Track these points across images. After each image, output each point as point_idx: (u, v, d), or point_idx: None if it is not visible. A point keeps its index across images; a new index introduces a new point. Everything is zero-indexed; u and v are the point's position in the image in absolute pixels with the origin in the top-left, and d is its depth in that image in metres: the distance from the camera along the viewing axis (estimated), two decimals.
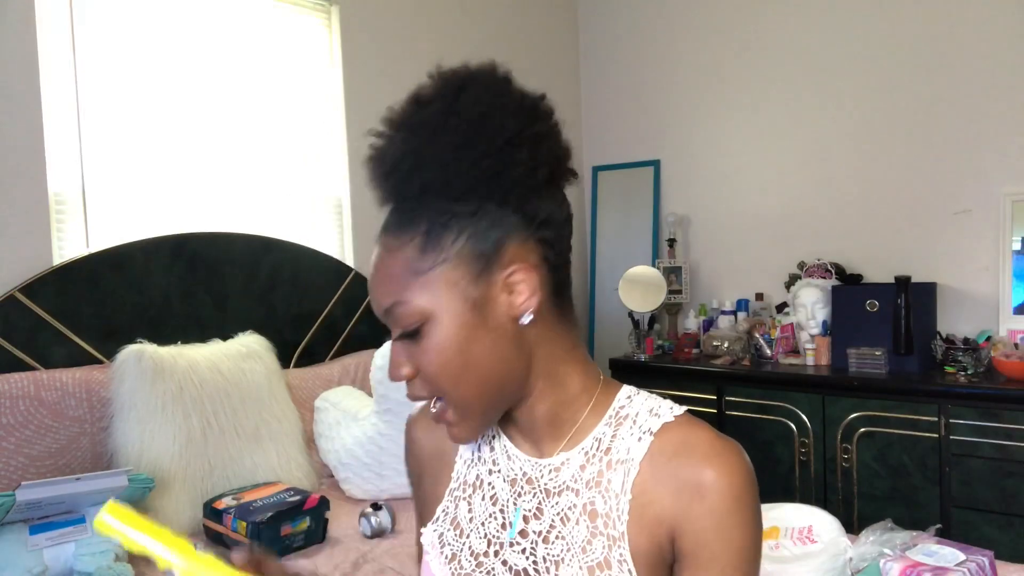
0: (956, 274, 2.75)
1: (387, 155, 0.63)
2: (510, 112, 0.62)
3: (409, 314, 0.63)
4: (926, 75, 2.79)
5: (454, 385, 0.64)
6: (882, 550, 1.36)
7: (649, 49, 3.51)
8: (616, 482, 0.68)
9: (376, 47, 2.83)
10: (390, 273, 0.64)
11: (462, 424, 0.66)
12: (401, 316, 0.63)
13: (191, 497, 1.86)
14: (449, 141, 0.60)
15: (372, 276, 0.66)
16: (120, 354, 1.92)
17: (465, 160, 0.60)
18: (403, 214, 0.64)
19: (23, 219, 1.96)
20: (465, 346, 0.63)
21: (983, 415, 2.27)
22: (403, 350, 0.65)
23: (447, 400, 0.65)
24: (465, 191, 0.62)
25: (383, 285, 0.64)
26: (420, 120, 0.62)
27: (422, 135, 0.61)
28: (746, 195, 3.26)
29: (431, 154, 0.61)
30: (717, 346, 3.00)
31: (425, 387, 0.65)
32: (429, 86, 0.63)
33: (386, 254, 0.65)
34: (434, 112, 0.61)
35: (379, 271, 0.65)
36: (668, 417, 0.70)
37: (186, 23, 2.32)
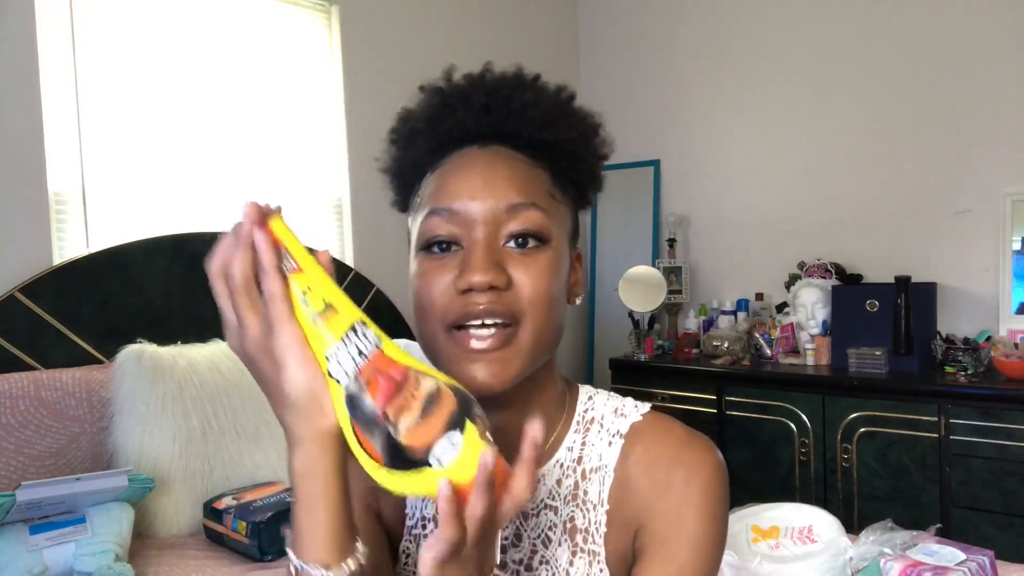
0: (956, 274, 2.75)
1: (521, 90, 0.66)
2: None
3: (539, 222, 0.61)
4: (926, 75, 2.79)
5: (535, 310, 0.60)
6: (882, 550, 1.36)
7: (649, 49, 3.51)
8: (593, 493, 0.65)
9: (376, 47, 2.83)
10: (529, 178, 0.63)
11: (512, 361, 0.60)
12: (531, 219, 0.61)
13: (191, 497, 1.86)
14: (583, 119, 0.67)
15: (495, 171, 0.62)
16: (120, 354, 1.92)
17: (592, 144, 0.67)
18: (528, 147, 0.65)
19: (23, 219, 1.96)
20: (558, 283, 0.63)
21: (983, 415, 2.27)
22: (497, 255, 0.60)
23: (516, 327, 0.60)
24: (583, 168, 0.68)
25: (518, 182, 0.62)
26: (551, 87, 0.68)
27: (557, 97, 0.67)
28: (746, 195, 3.26)
29: (566, 117, 0.66)
30: (717, 346, 3.00)
31: (503, 303, 0.59)
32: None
33: (517, 162, 0.64)
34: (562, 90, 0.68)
35: (512, 170, 0.63)
36: (635, 416, 0.68)
37: (186, 23, 2.32)
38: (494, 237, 0.61)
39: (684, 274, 3.32)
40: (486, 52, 0.69)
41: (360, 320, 0.51)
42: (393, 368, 0.49)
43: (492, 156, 0.63)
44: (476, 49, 3.04)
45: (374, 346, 0.50)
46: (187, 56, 2.32)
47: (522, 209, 0.61)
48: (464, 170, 0.63)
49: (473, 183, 0.61)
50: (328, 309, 0.50)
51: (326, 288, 0.51)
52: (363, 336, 0.50)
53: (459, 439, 0.47)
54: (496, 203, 0.61)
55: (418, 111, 0.68)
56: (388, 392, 0.48)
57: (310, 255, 0.52)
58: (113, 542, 1.58)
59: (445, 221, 0.61)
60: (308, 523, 0.52)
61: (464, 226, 0.61)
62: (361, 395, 0.49)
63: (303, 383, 0.50)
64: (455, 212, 0.61)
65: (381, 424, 0.48)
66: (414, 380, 0.49)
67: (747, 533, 1.49)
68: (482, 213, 0.61)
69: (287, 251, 0.51)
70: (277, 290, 0.49)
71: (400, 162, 0.69)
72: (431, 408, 0.48)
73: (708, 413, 2.79)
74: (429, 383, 0.49)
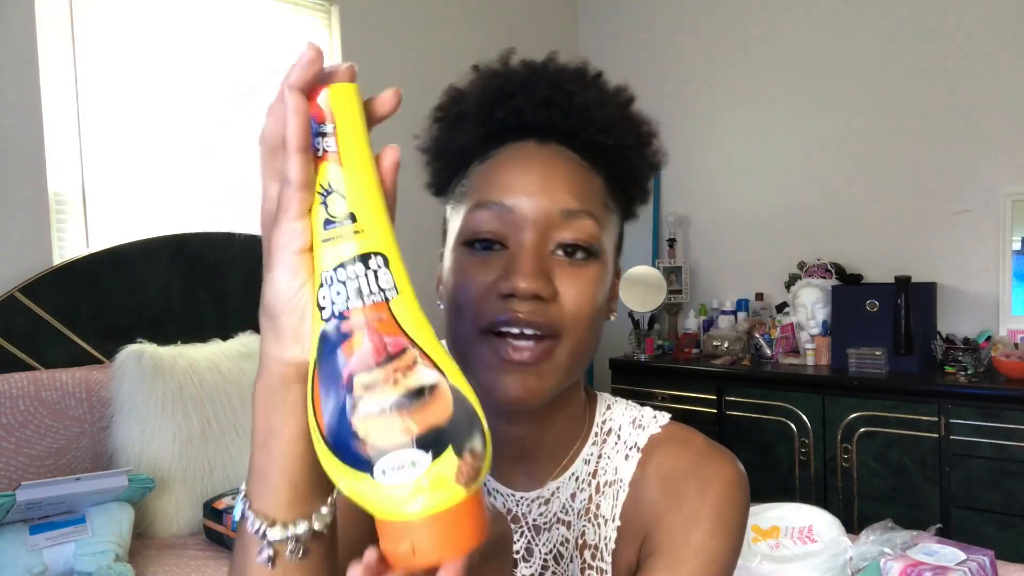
0: (956, 274, 2.75)
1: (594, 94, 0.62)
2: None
3: (593, 233, 0.58)
4: (926, 75, 2.79)
5: (576, 326, 0.57)
6: (882, 550, 1.36)
7: (649, 49, 3.51)
8: (605, 508, 0.63)
9: (376, 47, 2.83)
10: (587, 183, 0.59)
11: (548, 377, 0.56)
12: (585, 228, 0.57)
13: (191, 497, 1.86)
14: (641, 125, 0.64)
15: (554, 171, 0.58)
16: (120, 354, 1.92)
17: (647, 152, 0.64)
18: (585, 149, 0.61)
19: (23, 219, 1.96)
20: (601, 298, 0.59)
21: (983, 415, 2.27)
22: (545, 263, 0.56)
23: (555, 342, 0.56)
24: (636, 177, 0.64)
25: (577, 186, 0.58)
26: (612, 87, 0.64)
27: (619, 98, 0.63)
28: (746, 195, 3.26)
29: (627, 120, 0.63)
30: (717, 346, 3.00)
31: (545, 315, 0.55)
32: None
33: (575, 165, 0.60)
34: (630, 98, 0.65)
35: (571, 173, 0.59)
36: (654, 428, 0.65)
37: (186, 23, 2.32)
38: (544, 242, 0.57)
39: (684, 274, 3.32)
40: (486, 52, 0.67)
41: (381, 254, 0.39)
42: (390, 332, 0.38)
43: (551, 154, 0.59)
44: (476, 49, 3.02)
45: (381, 294, 0.38)
46: (187, 56, 2.32)
47: (578, 217, 0.57)
48: (521, 165, 0.58)
49: (529, 180, 0.57)
50: (349, 221, 0.39)
51: (363, 195, 0.39)
52: (374, 274, 0.38)
53: (424, 464, 0.36)
54: (551, 205, 0.57)
55: (471, 93, 0.63)
56: (366, 358, 0.37)
57: (367, 149, 0.40)
58: (113, 542, 1.58)
59: (494, 217, 0.57)
60: (260, 461, 0.43)
61: (513, 225, 0.57)
62: (334, 343, 0.38)
63: (283, 294, 0.40)
64: (507, 208, 0.57)
65: (339, 391, 0.37)
66: (409, 361, 0.37)
67: (747, 533, 1.49)
68: (535, 214, 0.57)
69: (334, 130, 0.40)
70: (292, 174, 0.39)
71: (443, 144, 0.64)
72: (412, 405, 0.36)
73: (708, 413, 2.79)
74: (428, 375, 0.37)
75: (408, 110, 0.71)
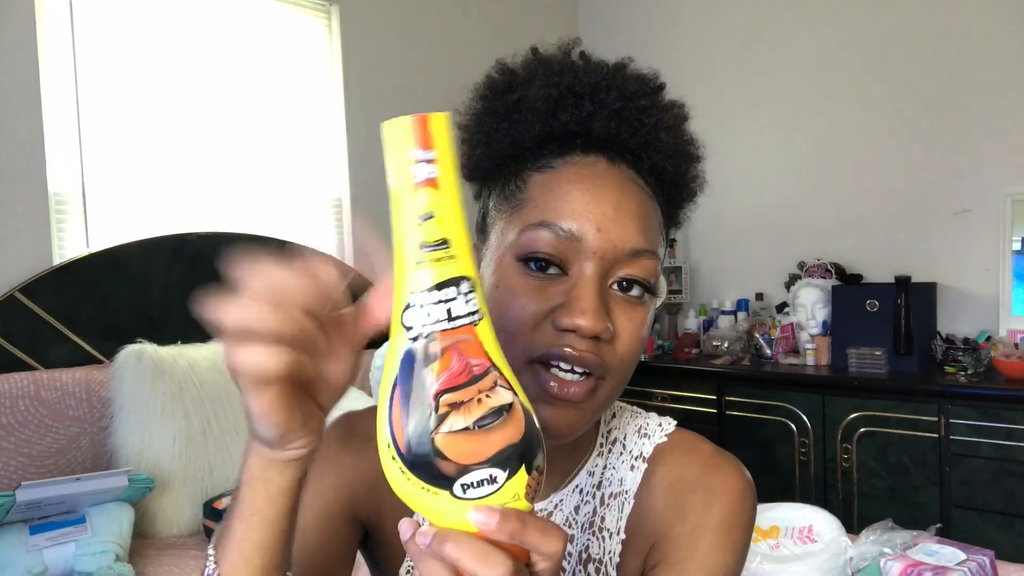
0: (956, 274, 2.75)
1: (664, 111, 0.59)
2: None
3: (653, 272, 0.55)
4: (926, 75, 2.79)
5: (623, 366, 0.54)
6: (882, 549, 1.36)
7: (649, 49, 3.51)
8: (610, 520, 0.61)
9: (376, 47, 2.83)
10: (652, 217, 0.56)
11: (588, 414, 0.54)
12: (648, 268, 0.54)
13: (191, 497, 1.86)
14: (695, 149, 0.62)
15: (628, 202, 0.54)
16: (120, 354, 1.92)
17: (696, 179, 0.62)
18: (649, 174, 0.58)
19: (23, 219, 1.96)
20: (649, 333, 0.58)
21: (983, 415, 2.27)
22: (606, 300, 0.53)
23: (603, 380, 0.54)
24: (683, 205, 0.62)
25: (645, 223, 0.55)
26: (681, 112, 0.62)
27: (679, 117, 0.61)
28: (746, 195, 3.26)
29: (685, 146, 0.61)
30: (717, 346, 3.00)
31: (600, 355, 0.53)
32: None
33: (643, 194, 0.56)
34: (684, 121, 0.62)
35: (641, 206, 0.55)
36: (659, 438, 0.63)
37: (186, 23, 2.32)
38: (606, 276, 0.53)
39: (684, 274, 3.32)
40: (486, 53, 0.67)
41: (469, 278, 0.40)
42: (477, 354, 0.39)
43: (622, 180, 0.55)
44: (476, 50, 3.04)
45: (470, 318, 0.40)
46: (187, 56, 2.32)
47: (644, 257, 0.54)
48: (592, 189, 0.54)
49: (603, 211, 0.53)
50: (443, 246, 0.39)
51: (455, 222, 0.40)
52: (465, 298, 0.40)
53: (501, 480, 0.38)
54: (621, 242, 0.53)
55: (533, 83, 0.57)
56: (455, 377, 0.38)
57: (457, 178, 0.40)
58: (113, 542, 1.58)
59: (555, 239, 0.53)
60: (239, 533, 0.46)
61: (576, 253, 0.53)
62: (423, 362, 0.39)
63: (275, 423, 0.41)
64: (574, 237, 0.53)
65: (425, 408, 0.38)
66: (491, 382, 0.39)
67: None
68: (603, 248, 0.53)
69: (437, 157, 0.39)
70: (255, 364, 0.40)
71: (491, 130, 0.58)
72: (492, 425, 0.38)
73: (708, 413, 2.79)
74: (506, 396, 0.39)
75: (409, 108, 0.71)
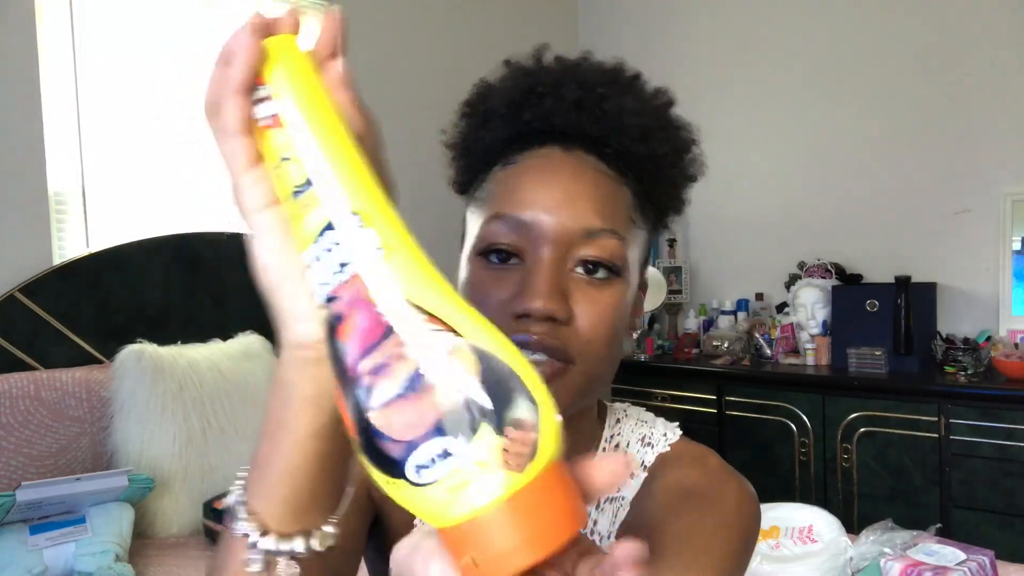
0: (956, 274, 2.75)
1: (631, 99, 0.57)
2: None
3: (616, 252, 0.54)
4: (926, 75, 2.79)
5: (592, 350, 0.53)
6: (882, 549, 1.36)
7: (649, 49, 3.51)
8: (602, 524, 0.59)
9: (376, 47, 2.83)
10: (613, 198, 0.55)
11: (559, 396, 0.44)
12: (608, 247, 0.53)
13: (191, 497, 1.86)
14: (679, 131, 0.61)
15: (578, 185, 0.54)
16: (120, 354, 1.92)
17: (683, 161, 0.61)
18: (615, 158, 0.57)
19: (23, 219, 1.96)
20: (621, 319, 0.55)
21: (983, 415, 2.27)
22: (563, 282, 0.53)
23: (570, 365, 0.52)
24: (670, 189, 0.61)
25: (601, 203, 0.54)
26: (649, 90, 0.60)
27: (656, 103, 0.60)
28: (746, 195, 3.26)
29: (664, 128, 0.59)
30: (717, 346, 3.00)
31: (560, 338, 0.52)
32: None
33: (602, 176, 0.56)
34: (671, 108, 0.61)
35: (597, 187, 0.55)
36: (662, 447, 0.62)
37: (186, 22, 2.32)
38: (562, 259, 0.53)
39: (684, 274, 3.32)
40: (486, 53, 0.67)
41: (359, 213, 0.32)
42: None
43: (576, 164, 0.55)
44: (476, 49, 3.04)
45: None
46: (187, 56, 2.32)
47: (601, 236, 0.54)
48: (542, 176, 0.55)
49: (551, 195, 0.54)
50: (308, 187, 0.32)
51: (323, 152, 0.33)
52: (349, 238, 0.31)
53: (459, 450, 0.28)
54: (572, 223, 0.53)
55: (500, 90, 0.59)
56: (366, 336, 0.30)
57: (320, 101, 0.34)
58: (113, 542, 1.58)
59: (510, 230, 0.54)
60: (264, 453, 0.39)
61: (530, 241, 0.53)
62: (331, 329, 0.31)
63: (267, 266, 0.35)
64: (524, 224, 0.53)
65: (352, 383, 0.30)
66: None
67: None
68: (555, 231, 0.53)
69: (272, 91, 0.33)
70: (226, 122, 0.34)
71: (469, 142, 0.61)
72: (427, 380, 0.29)
73: (708, 413, 2.79)
74: (438, 341, 0.30)
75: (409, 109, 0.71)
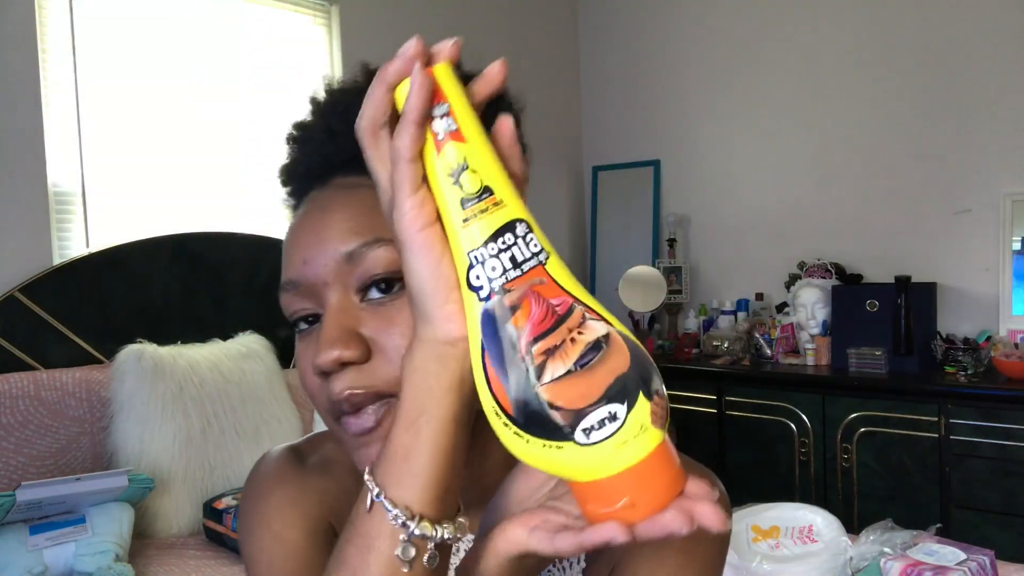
0: (956, 274, 2.75)
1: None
2: None
3: (390, 258, 0.48)
4: (926, 75, 2.79)
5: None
6: (882, 549, 1.36)
7: (649, 49, 3.51)
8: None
9: (376, 47, 2.83)
10: (371, 208, 0.49)
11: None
12: (378, 259, 0.48)
13: (191, 497, 1.86)
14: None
15: (327, 217, 0.51)
16: (120, 354, 1.92)
17: None
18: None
19: (23, 219, 1.96)
20: None
21: (983, 415, 2.27)
22: (349, 320, 0.48)
23: (393, 395, 0.48)
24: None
25: (354, 221, 0.49)
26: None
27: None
28: (746, 195, 3.26)
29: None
30: (717, 346, 3.00)
31: (370, 378, 0.48)
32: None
33: (356, 192, 0.51)
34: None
35: (348, 207, 0.50)
36: None
37: (186, 23, 2.32)
38: (345, 297, 0.49)
39: (684, 274, 3.32)
40: (486, 53, 0.67)
41: (524, 220, 0.38)
42: (554, 294, 0.37)
43: (328, 196, 0.52)
44: (476, 50, 3.03)
45: (536, 259, 0.37)
46: (187, 56, 2.32)
47: (363, 253, 0.48)
48: (297, 227, 0.52)
49: (304, 242, 0.51)
50: (486, 195, 0.37)
51: (491, 167, 0.38)
52: (524, 242, 0.37)
53: (622, 414, 0.35)
54: (333, 256, 0.49)
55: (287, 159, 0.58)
56: (540, 323, 0.36)
57: (479, 124, 0.39)
58: (113, 542, 1.59)
59: (294, 297, 0.51)
60: (406, 443, 0.40)
61: (313, 296, 0.50)
62: (503, 319, 0.36)
63: (422, 275, 0.38)
64: (298, 284, 0.50)
65: (520, 363, 0.35)
66: (579, 317, 0.36)
67: (747, 533, 1.49)
68: (321, 276, 0.49)
69: (451, 110, 0.38)
70: (404, 148, 0.37)
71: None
72: (593, 360, 0.35)
73: (708, 413, 2.79)
74: (599, 327, 0.36)
75: None
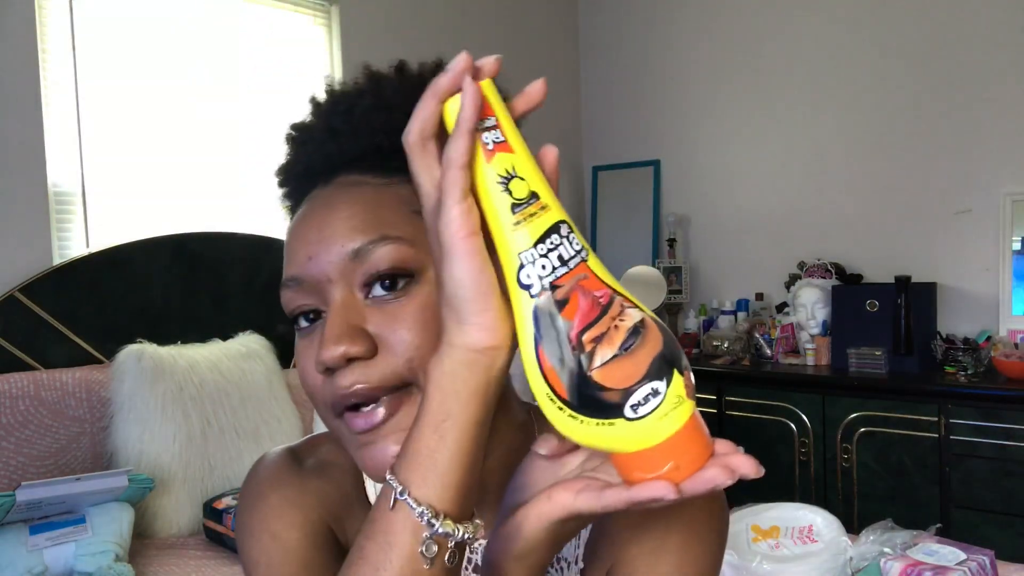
0: (956, 274, 2.75)
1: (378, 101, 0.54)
2: None
3: (396, 256, 0.49)
4: (926, 75, 2.79)
5: (412, 363, 0.49)
6: (882, 549, 1.36)
7: (649, 49, 3.51)
8: (567, 550, 0.55)
9: (376, 47, 2.83)
10: (375, 205, 0.51)
11: (404, 425, 0.49)
12: (384, 256, 0.49)
13: (191, 497, 1.86)
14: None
15: (332, 214, 0.51)
16: (120, 354, 1.92)
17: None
18: (379, 162, 0.53)
19: (23, 219, 1.96)
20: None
21: (983, 415, 2.27)
22: (354, 316, 0.49)
23: (406, 390, 0.49)
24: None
25: (359, 218, 0.50)
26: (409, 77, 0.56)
27: (406, 86, 0.54)
28: (746, 195, 3.26)
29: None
30: (717, 346, 3.00)
31: (376, 374, 0.48)
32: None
33: (361, 190, 0.52)
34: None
35: (353, 204, 0.51)
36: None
37: (186, 23, 2.32)
38: (350, 295, 0.49)
39: (684, 274, 3.32)
40: (486, 52, 0.67)
41: (566, 222, 0.41)
42: (597, 287, 0.41)
43: (332, 194, 0.52)
44: (476, 50, 3.02)
45: (579, 256, 0.41)
46: (187, 56, 2.32)
47: (369, 250, 0.49)
48: (301, 224, 0.53)
49: (308, 239, 0.51)
50: (533, 200, 0.41)
51: (535, 175, 0.41)
52: (568, 241, 0.41)
53: (663, 388, 0.39)
54: (339, 254, 0.49)
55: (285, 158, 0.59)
56: (588, 314, 0.40)
57: (521, 136, 0.42)
58: (113, 542, 1.58)
59: (296, 293, 0.51)
60: (431, 445, 0.41)
61: (316, 292, 0.51)
62: (554, 313, 0.40)
63: (465, 281, 0.40)
64: (301, 281, 0.51)
65: (572, 352, 0.39)
66: (619, 306, 0.40)
67: (747, 533, 1.49)
68: (326, 272, 0.50)
69: (498, 122, 0.41)
70: (458, 156, 0.39)
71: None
72: (634, 344, 0.40)
73: (708, 413, 2.79)
74: (636, 314, 0.41)
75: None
